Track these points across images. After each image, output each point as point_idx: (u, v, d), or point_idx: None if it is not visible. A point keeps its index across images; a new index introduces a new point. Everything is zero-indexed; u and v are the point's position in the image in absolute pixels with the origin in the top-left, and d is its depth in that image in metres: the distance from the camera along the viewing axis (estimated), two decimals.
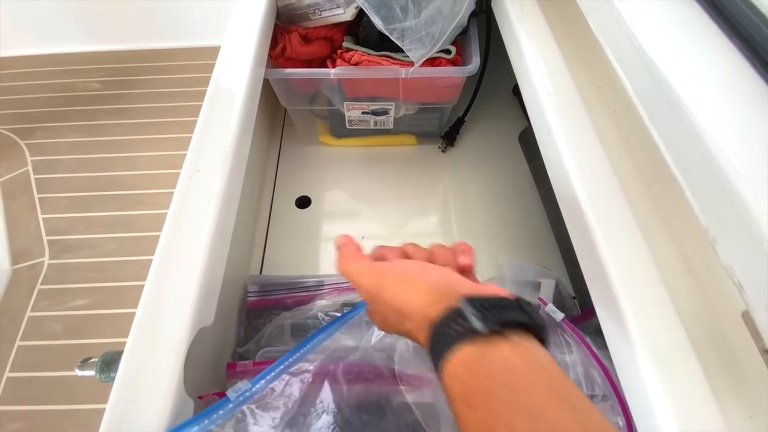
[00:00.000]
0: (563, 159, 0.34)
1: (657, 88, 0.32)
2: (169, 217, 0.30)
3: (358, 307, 0.31)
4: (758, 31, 0.28)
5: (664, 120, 0.31)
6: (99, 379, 0.28)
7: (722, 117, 0.27)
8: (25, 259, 0.67)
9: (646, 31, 0.34)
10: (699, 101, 0.29)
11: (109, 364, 0.27)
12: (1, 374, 0.58)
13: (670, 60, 0.31)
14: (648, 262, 0.28)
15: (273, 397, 0.26)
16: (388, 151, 0.64)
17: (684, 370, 0.24)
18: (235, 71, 0.40)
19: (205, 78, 0.71)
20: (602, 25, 0.40)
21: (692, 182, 0.28)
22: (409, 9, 0.42)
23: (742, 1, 0.29)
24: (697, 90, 0.29)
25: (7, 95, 0.89)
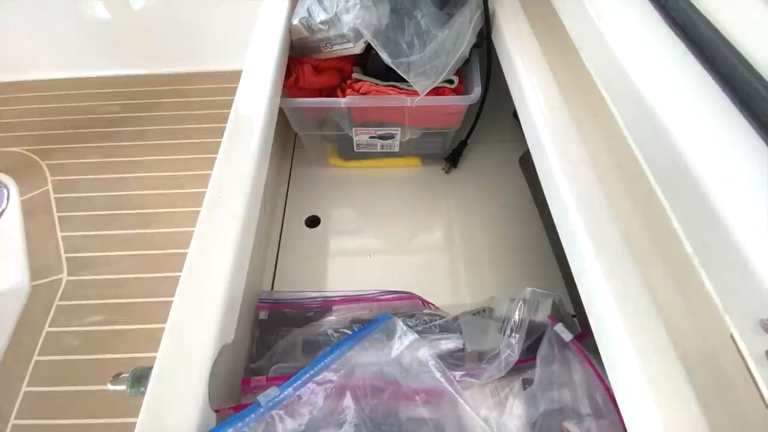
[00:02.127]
0: (559, 184, 0.36)
1: (643, 117, 0.34)
2: (195, 239, 0.33)
3: (379, 320, 0.33)
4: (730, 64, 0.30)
5: (650, 148, 0.34)
6: (129, 393, 0.30)
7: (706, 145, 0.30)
8: (44, 275, 0.69)
9: (634, 63, 0.37)
10: (685, 132, 0.31)
11: (139, 380, 0.29)
12: (19, 389, 0.60)
13: (654, 90, 0.34)
14: (641, 285, 0.30)
15: (299, 404, 0.28)
16: (394, 172, 0.67)
17: (675, 390, 0.25)
18: (254, 102, 0.43)
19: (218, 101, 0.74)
20: (593, 56, 0.42)
21: (678, 210, 0.30)
22: (414, 44, 0.45)
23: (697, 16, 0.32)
24: (683, 122, 0.32)
25: (29, 117, 0.93)
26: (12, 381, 0.60)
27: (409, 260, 0.59)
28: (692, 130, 0.31)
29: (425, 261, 0.59)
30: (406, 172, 0.67)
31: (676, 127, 0.32)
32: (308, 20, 0.49)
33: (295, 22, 0.50)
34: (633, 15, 0.40)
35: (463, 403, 0.32)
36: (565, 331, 0.35)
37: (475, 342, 0.41)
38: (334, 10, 0.47)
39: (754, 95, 0.28)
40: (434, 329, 0.44)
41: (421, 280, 0.55)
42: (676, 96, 0.33)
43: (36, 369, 0.61)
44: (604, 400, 0.31)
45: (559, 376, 0.33)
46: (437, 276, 0.56)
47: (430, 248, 0.60)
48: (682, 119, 0.32)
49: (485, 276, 0.55)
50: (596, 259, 0.31)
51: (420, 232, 0.62)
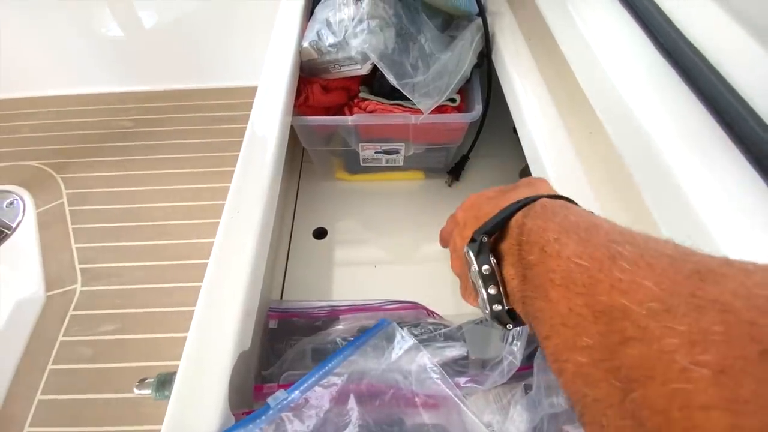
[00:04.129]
0: None
1: (635, 135, 0.37)
2: (214, 251, 0.35)
3: (379, 326, 0.34)
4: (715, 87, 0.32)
5: (642, 165, 0.36)
6: (155, 397, 0.31)
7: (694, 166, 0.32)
8: (59, 286, 0.71)
9: (626, 85, 0.39)
10: (673, 151, 0.33)
11: (164, 384, 0.30)
12: (33, 397, 0.62)
13: (644, 111, 0.36)
14: None
15: (307, 407, 0.29)
16: (398, 185, 0.69)
17: None
18: (268, 121, 0.45)
19: (227, 116, 0.77)
20: (587, 78, 0.45)
21: (666, 221, 0.32)
22: (418, 66, 0.48)
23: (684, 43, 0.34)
24: (671, 140, 0.34)
25: (45, 132, 0.96)
26: (26, 389, 0.62)
27: (414, 270, 0.61)
28: (680, 148, 0.33)
29: (429, 271, 0.60)
30: (409, 185, 0.69)
31: (664, 144, 0.34)
32: (318, 43, 0.52)
33: (305, 45, 0.53)
34: (625, 40, 0.42)
35: (465, 408, 0.33)
36: None
37: (479, 350, 0.43)
38: (342, 34, 0.50)
39: (734, 115, 0.30)
40: (439, 338, 0.45)
41: (425, 290, 0.57)
42: (664, 117, 0.35)
43: (50, 377, 0.63)
44: None
45: (556, 381, 0.35)
46: (441, 286, 0.58)
47: (433, 259, 0.62)
48: (669, 137, 0.34)
49: None
50: None
51: (424, 243, 0.63)
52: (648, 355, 0.11)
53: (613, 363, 0.12)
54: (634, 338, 0.12)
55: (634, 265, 0.13)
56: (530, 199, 0.20)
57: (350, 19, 0.50)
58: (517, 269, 0.18)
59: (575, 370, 0.14)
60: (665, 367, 0.11)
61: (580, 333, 0.14)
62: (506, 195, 0.23)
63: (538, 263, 0.17)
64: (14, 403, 0.61)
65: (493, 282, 0.19)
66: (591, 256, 0.14)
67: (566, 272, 0.15)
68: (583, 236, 0.16)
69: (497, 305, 0.20)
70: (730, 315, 0.11)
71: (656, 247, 0.14)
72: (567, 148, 0.43)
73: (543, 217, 0.18)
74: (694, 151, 0.32)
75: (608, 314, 0.13)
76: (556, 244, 0.16)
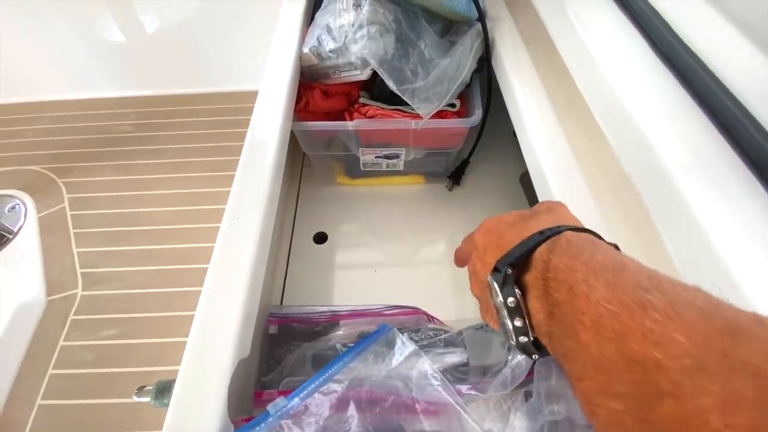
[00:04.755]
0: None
1: (633, 139, 0.37)
2: (214, 256, 0.35)
3: (379, 331, 0.34)
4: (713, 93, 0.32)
5: (640, 169, 0.36)
6: (154, 405, 0.31)
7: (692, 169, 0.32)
8: (60, 290, 0.71)
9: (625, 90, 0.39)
10: (671, 155, 0.33)
11: (163, 392, 0.30)
12: (34, 402, 0.62)
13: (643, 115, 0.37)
14: None
15: (307, 414, 0.29)
16: (398, 190, 0.69)
17: None
18: (268, 126, 0.45)
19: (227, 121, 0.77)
20: (587, 83, 0.45)
21: (665, 227, 0.32)
22: (418, 72, 0.48)
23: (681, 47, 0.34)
24: (669, 144, 0.34)
25: (47, 136, 0.97)
26: (27, 394, 0.62)
27: (414, 275, 0.61)
28: (681, 156, 0.33)
29: (429, 276, 0.60)
30: (410, 190, 0.69)
31: (663, 149, 0.34)
32: (318, 49, 0.52)
33: (305, 50, 0.53)
34: (624, 46, 0.42)
35: (465, 415, 0.33)
36: None
37: (480, 356, 0.43)
38: (342, 39, 0.50)
39: (732, 118, 0.30)
40: (439, 343, 0.45)
41: (425, 295, 0.57)
42: (663, 122, 0.35)
43: (51, 382, 0.63)
44: None
45: (555, 389, 0.35)
46: (441, 290, 0.58)
47: (434, 263, 0.62)
48: (668, 142, 0.34)
49: None
50: None
51: (424, 247, 0.63)
52: (683, 413, 0.12)
53: (648, 415, 0.13)
54: (669, 394, 0.12)
55: (665, 315, 0.13)
56: (554, 231, 0.20)
57: (350, 24, 0.50)
58: (543, 304, 0.19)
59: (609, 417, 0.14)
60: (700, 428, 0.11)
61: (613, 380, 0.14)
62: (527, 222, 0.23)
63: (567, 302, 0.17)
64: (15, 407, 0.62)
65: (518, 314, 0.20)
66: (620, 302, 0.15)
67: (596, 316, 0.15)
68: (611, 279, 0.16)
69: (523, 337, 0.20)
70: (761, 379, 0.11)
71: (685, 295, 0.14)
72: (567, 153, 0.43)
73: (569, 254, 0.18)
74: (692, 156, 0.32)
75: (641, 364, 0.13)
76: (584, 285, 0.16)
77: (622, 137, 0.39)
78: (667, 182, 0.32)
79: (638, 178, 0.36)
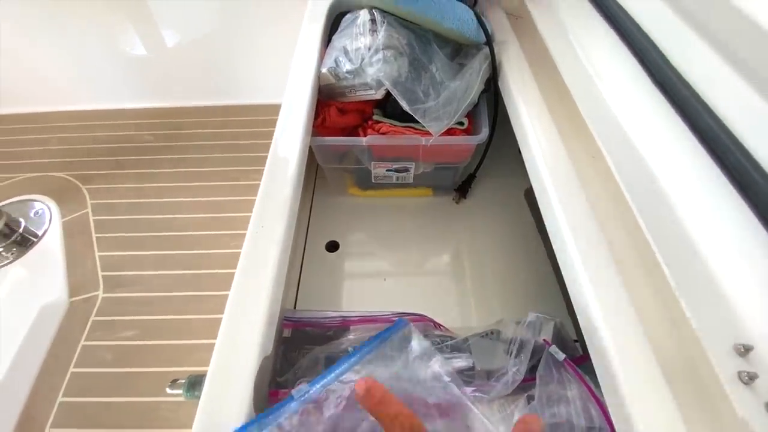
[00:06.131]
0: (560, 223, 0.40)
1: (631, 161, 0.39)
2: (241, 262, 0.38)
3: (396, 326, 0.37)
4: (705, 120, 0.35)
5: (638, 190, 0.38)
6: (185, 397, 0.34)
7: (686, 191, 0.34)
8: (82, 292, 0.75)
9: (624, 115, 0.42)
10: (668, 178, 0.36)
11: (194, 385, 0.33)
12: (55, 398, 0.64)
13: (641, 138, 0.39)
14: (631, 313, 0.33)
15: (327, 401, 0.32)
16: (407, 201, 0.72)
17: (659, 406, 0.29)
18: (290, 141, 0.49)
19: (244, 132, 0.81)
20: (588, 106, 0.48)
21: (661, 245, 0.34)
22: (429, 93, 0.51)
23: (677, 77, 0.37)
24: (665, 167, 0.37)
25: (72, 145, 1.01)
26: (49, 391, 0.65)
27: (422, 284, 0.63)
28: (674, 175, 0.36)
29: (436, 285, 0.63)
30: (418, 202, 0.72)
31: (660, 171, 0.37)
32: (335, 69, 0.56)
33: (324, 71, 0.57)
34: (622, 72, 0.45)
35: (479, 414, 0.35)
36: (558, 352, 0.38)
37: (484, 361, 0.45)
38: (359, 61, 0.54)
39: (724, 148, 0.33)
40: (446, 349, 0.48)
41: (432, 303, 0.59)
42: (658, 144, 0.38)
43: (71, 380, 0.65)
44: (598, 414, 0.34)
45: (557, 393, 0.37)
46: (447, 299, 0.60)
47: (440, 273, 0.65)
48: (664, 165, 0.37)
49: (492, 300, 0.59)
50: (593, 292, 0.34)
51: (431, 257, 0.66)
52: None
53: None
54: None
55: None
56: None
57: (366, 48, 0.54)
58: None
59: None
60: None
61: None
62: None
63: None
64: (37, 403, 0.64)
65: None
66: None
67: None
68: None
69: None
70: None
71: None
72: (569, 171, 0.46)
73: None
74: (685, 177, 0.35)
75: None
76: None
77: (620, 156, 0.42)
78: (660, 198, 0.34)
79: (634, 196, 0.38)
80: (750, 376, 0.27)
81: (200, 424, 0.30)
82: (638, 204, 0.38)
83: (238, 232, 0.80)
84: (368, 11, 0.56)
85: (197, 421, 0.30)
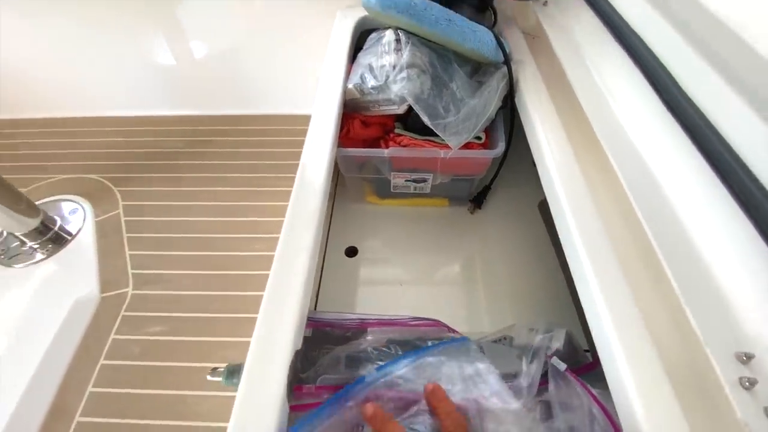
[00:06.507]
0: (573, 235, 0.43)
1: (640, 176, 0.42)
2: (275, 263, 0.41)
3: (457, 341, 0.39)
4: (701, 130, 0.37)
5: (647, 204, 0.41)
6: (224, 384, 0.37)
7: (693, 205, 0.36)
8: (113, 288, 0.79)
9: (635, 132, 0.44)
10: (675, 193, 0.38)
11: (233, 373, 0.36)
12: (85, 388, 0.68)
13: (650, 155, 0.42)
14: (639, 320, 0.35)
15: (391, 388, 0.35)
16: (424, 211, 0.75)
17: (666, 409, 0.31)
18: (318, 152, 0.52)
19: (268, 141, 0.85)
20: (600, 123, 0.50)
21: (668, 255, 0.36)
22: (450, 109, 0.55)
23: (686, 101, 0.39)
24: (672, 183, 0.39)
25: (106, 149, 1.07)
26: (79, 381, 0.68)
27: (436, 290, 0.66)
28: (680, 192, 0.38)
29: (450, 292, 0.65)
30: (435, 211, 0.75)
31: (667, 187, 0.39)
32: (361, 85, 0.59)
33: (350, 86, 0.60)
34: (634, 93, 0.48)
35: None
36: (559, 363, 0.40)
37: (498, 366, 0.47)
38: (383, 78, 0.57)
39: (727, 167, 0.35)
40: None
41: (446, 309, 0.62)
42: (667, 162, 0.40)
43: (101, 372, 0.69)
44: (602, 418, 0.36)
45: (566, 401, 0.39)
46: (460, 306, 0.63)
47: (454, 281, 0.67)
48: (672, 181, 0.39)
49: (504, 308, 0.61)
50: (604, 302, 0.36)
51: (446, 265, 0.68)
52: None
53: None
54: None
55: None
56: None
57: (391, 66, 0.57)
58: None
59: None
60: None
61: None
62: None
63: None
64: (67, 393, 0.68)
65: None
66: None
67: None
68: None
69: None
70: None
71: None
72: (581, 184, 0.48)
73: None
74: (691, 193, 0.37)
75: None
76: None
77: (629, 173, 0.44)
78: (666, 210, 0.37)
79: (644, 212, 0.41)
80: (750, 381, 0.28)
81: (239, 410, 0.33)
82: (647, 218, 0.40)
83: (260, 235, 0.84)
84: (394, 31, 0.59)
85: (237, 404, 0.33)
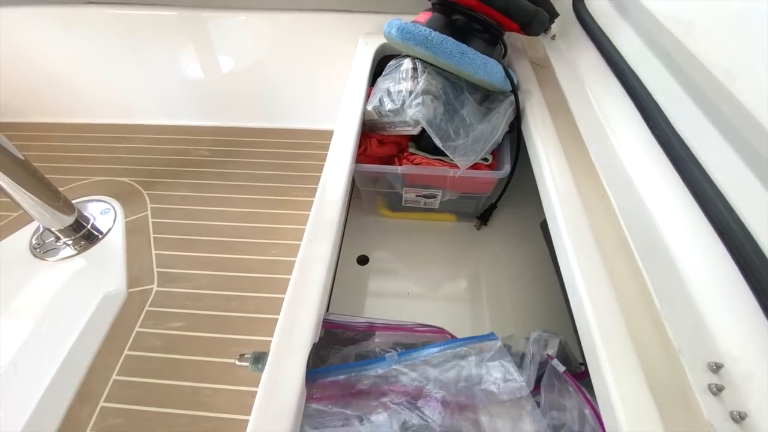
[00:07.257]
0: (567, 250, 0.47)
1: (634, 204, 0.46)
2: (297, 266, 0.46)
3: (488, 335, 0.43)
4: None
5: (638, 234, 0.45)
6: (250, 369, 0.41)
7: (678, 231, 0.40)
8: (139, 285, 0.84)
9: (630, 164, 0.49)
10: (663, 219, 0.42)
11: (258, 360, 0.40)
12: (110, 376, 0.73)
13: (642, 186, 0.46)
14: (625, 335, 0.39)
15: (409, 372, 0.39)
16: (432, 225, 0.79)
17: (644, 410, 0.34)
18: (339, 168, 0.58)
19: (290, 153, 0.91)
20: (599, 152, 0.55)
21: (652, 275, 0.40)
22: (460, 133, 0.60)
23: (675, 138, 0.44)
24: (661, 210, 0.43)
25: (137, 154, 1.14)
26: (105, 369, 0.73)
27: (442, 301, 0.70)
28: (667, 220, 0.42)
29: (455, 303, 0.69)
30: (442, 226, 0.79)
31: (656, 215, 0.43)
32: (379, 108, 0.65)
33: (369, 108, 0.66)
34: (629, 125, 0.52)
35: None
36: (559, 365, 0.44)
37: None
38: (400, 102, 0.63)
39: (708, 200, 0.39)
40: None
41: (450, 319, 0.65)
42: (656, 192, 0.45)
43: (125, 361, 0.74)
44: (593, 418, 0.39)
45: (558, 401, 0.43)
46: (464, 316, 0.66)
47: (459, 292, 0.71)
48: (660, 210, 0.43)
49: (506, 320, 0.65)
50: (594, 316, 0.40)
51: (452, 277, 0.72)
52: None
53: None
54: None
55: None
56: None
57: (408, 91, 0.63)
58: None
59: None
60: None
61: None
62: None
63: None
64: (93, 379, 0.73)
65: None
66: None
67: None
68: None
69: None
70: None
71: None
72: (578, 207, 0.52)
73: None
74: (676, 221, 0.41)
75: None
76: None
77: (622, 199, 0.48)
78: (656, 242, 0.41)
79: (633, 236, 0.45)
80: (718, 388, 0.32)
81: (264, 392, 0.37)
82: (636, 241, 0.44)
83: (279, 241, 0.89)
84: (411, 60, 0.65)
85: (262, 386, 0.37)
